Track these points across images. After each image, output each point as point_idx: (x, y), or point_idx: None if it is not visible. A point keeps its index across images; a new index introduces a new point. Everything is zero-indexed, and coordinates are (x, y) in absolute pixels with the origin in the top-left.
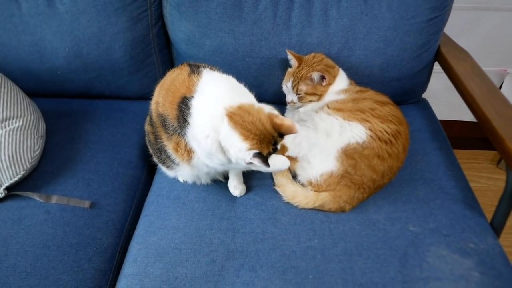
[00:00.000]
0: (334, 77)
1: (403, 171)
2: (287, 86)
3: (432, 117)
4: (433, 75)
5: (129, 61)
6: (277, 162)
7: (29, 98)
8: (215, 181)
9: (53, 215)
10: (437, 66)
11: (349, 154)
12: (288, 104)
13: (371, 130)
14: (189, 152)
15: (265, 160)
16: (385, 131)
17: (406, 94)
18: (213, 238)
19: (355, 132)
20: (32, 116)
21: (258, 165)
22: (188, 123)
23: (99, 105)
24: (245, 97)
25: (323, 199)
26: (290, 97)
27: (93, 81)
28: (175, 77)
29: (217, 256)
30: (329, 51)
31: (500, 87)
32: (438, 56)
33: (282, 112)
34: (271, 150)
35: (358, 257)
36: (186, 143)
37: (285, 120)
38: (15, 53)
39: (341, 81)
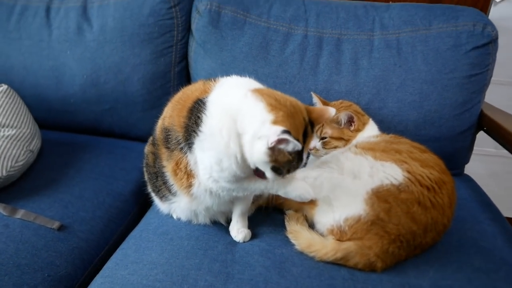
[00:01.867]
0: (363, 124)
1: (450, 236)
2: None
3: (479, 190)
4: (475, 157)
5: (146, 95)
6: (298, 186)
7: (33, 118)
8: (214, 223)
9: (12, 230)
10: (478, 147)
11: (382, 196)
12: (310, 152)
13: (409, 172)
14: (189, 176)
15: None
16: (427, 177)
17: (446, 160)
18: (199, 279)
19: (389, 173)
20: (28, 130)
21: (287, 148)
22: (201, 120)
23: (105, 142)
24: None
25: (347, 248)
26: (313, 143)
27: (105, 114)
28: (187, 88)
29: None
30: (358, 101)
31: None
32: (483, 120)
33: None
34: (302, 143)
35: None
36: (187, 162)
37: (317, 107)
38: (34, 77)
39: (371, 129)
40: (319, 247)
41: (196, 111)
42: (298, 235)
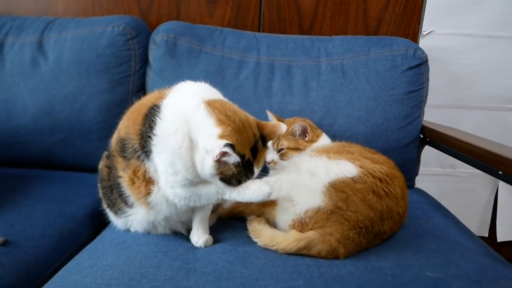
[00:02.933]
0: (317, 136)
1: (406, 229)
2: None
3: (429, 196)
4: (424, 178)
5: (102, 123)
6: (251, 186)
7: None
8: (174, 233)
9: None
10: (425, 167)
11: (339, 187)
12: (268, 165)
13: (361, 167)
14: (148, 183)
15: (239, 155)
16: (378, 171)
17: None
18: (158, 275)
19: (344, 168)
20: None
21: (229, 161)
22: (155, 123)
23: (57, 174)
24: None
25: (309, 237)
26: (271, 156)
27: (58, 145)
28: (143, 98)
29: None
30: (311, 119)
31: (496, 192)
32: (425, 132)
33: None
34: (249, 157)
35: None
36: (146, 170)
37: (269, 122)
38: None
39: (325, 141)
40: (281, 239)
41: (151, 115)
42: (260, 233)
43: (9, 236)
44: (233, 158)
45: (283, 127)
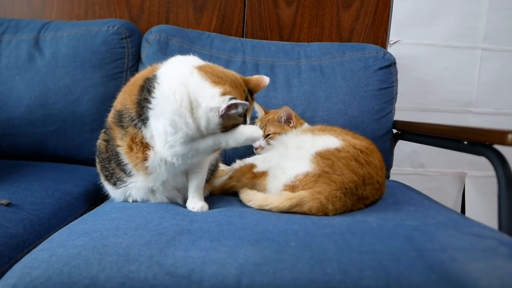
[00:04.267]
0: (301, 124)
1: (385, 200)
2: None
3: (404, 184)
4: (396, 177)
5: (95, 115)
6: (244, 130)
7: None
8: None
9: None
10: (397, 167)
11: (324, 155)
12: (255, 151)
13: (344, 141)
14: (145, 148)
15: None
16: (359, 144)
17: None
18: (163, 222)
19: (328, 141)
20: None
21: (237, 111)
22: (154, 87)
23: (49, 164)
24: None
25: (300, 195)
26: (258, 142)
27: (50, 136)
28: (136, 74)
29: (166, 231)
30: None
31: (464, 190)
32: (397, 125)
33: None
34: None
35: (352, 235)
36: (143, 136)
37: (254, 76)
38: None
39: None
40: (274, 199)
41: (147, 84)
42: (253, 197)
43: (12, 201)
44: (241, 106)
45: (266, 79)
